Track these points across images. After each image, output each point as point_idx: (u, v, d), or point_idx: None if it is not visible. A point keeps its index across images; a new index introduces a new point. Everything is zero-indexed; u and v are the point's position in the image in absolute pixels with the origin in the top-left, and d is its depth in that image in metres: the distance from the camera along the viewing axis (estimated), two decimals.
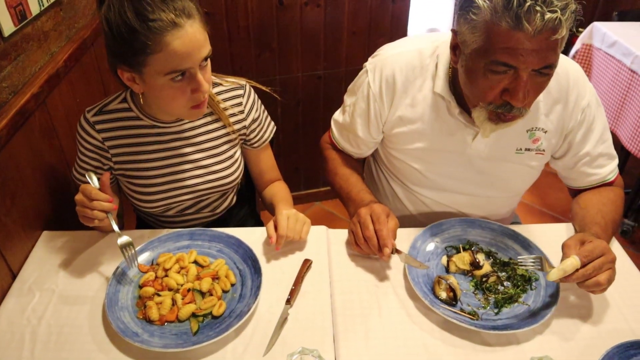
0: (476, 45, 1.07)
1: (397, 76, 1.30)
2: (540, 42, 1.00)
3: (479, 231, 1.34)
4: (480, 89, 1.12)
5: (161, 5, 1.05)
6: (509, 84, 1.08)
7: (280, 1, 2.22)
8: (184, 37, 1.07)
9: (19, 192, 1.25)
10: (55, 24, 1.48)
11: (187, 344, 1.04)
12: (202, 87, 1.14)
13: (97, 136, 1.29)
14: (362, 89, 1.36)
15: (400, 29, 2.51)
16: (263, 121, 1.45)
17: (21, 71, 1.30)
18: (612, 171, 1.37)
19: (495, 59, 1.04)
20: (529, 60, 1.03)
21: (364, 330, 1.10)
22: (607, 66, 2.62)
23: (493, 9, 1.00)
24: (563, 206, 2.92)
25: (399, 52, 1.32)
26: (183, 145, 1.35)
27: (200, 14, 1.12)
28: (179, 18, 1.06)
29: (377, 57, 1.36)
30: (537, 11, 0.96)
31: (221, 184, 1.41)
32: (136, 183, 1.35)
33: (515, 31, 1.00)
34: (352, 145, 1.47)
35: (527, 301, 1.16)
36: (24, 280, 1.21)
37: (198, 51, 1.10)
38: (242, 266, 1.22)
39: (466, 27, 1.07)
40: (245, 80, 1.41)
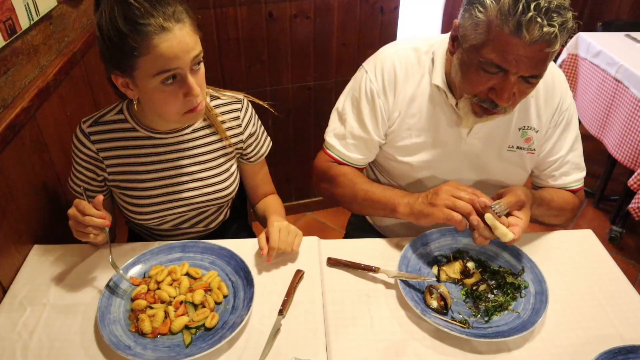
0: (475, 42, 1.12)
1: (398, 70, 1.34)
2: (534, 51, 1.07)
3: (469, 240, 1.35)
4: (470, 82, 1.18)
5: (150, 10, 1.06)
6: (497, 84, 1.15)
7: (270, 13, 2.24)
8: (172, 40, 1.08)
9: (9, 206, 1.24)
10: (45, 38, 1.49)
11: (180, 356, 1.03)
12: (193, 91, 1.14)
13: (92, 147, 1.29)
14: (364, 89, 1.37)
15: (389, 41, 2.52)
16: (260, 136, 1.46)
17: (11, 85, 1.31)
18: (577, 180, 1.44)
19: (489, 59, 1.11)
20: (520, 66, 1.09)
21: (356, 340, 1.11)
22: (592, 76, 2.66)
23: (499, 11, 1.06)
24: None
25: (396, 50, 1.37)
26: (179, 158, 1.35)
27: (191, 18, 1.13)
28: (167, 22, 1.07)
29: (375, 56, 1.40)
30: (538, 22, 1.02)
31: (217, 197, 1.41)
32: (131, 195, 1.35)
33: (514, 37, 1.06)
34: (361, 152, 1.43)
35: (517, 309, 1.18)
36: (14, 294, 1.21)
37: (186, 53, 1.10)
38: (234, 278, 1.22)
39: (470, 22, 1.12)
40: (243, 95, 1.42)
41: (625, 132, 2.37)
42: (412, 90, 1.34)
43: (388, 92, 1.35)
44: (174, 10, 1.08)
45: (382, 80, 1.35)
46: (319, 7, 2.30)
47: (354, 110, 1.40)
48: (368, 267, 1.26)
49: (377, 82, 1.35)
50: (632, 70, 2.35)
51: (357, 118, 1.40)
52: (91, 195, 1.17)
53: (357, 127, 1.40)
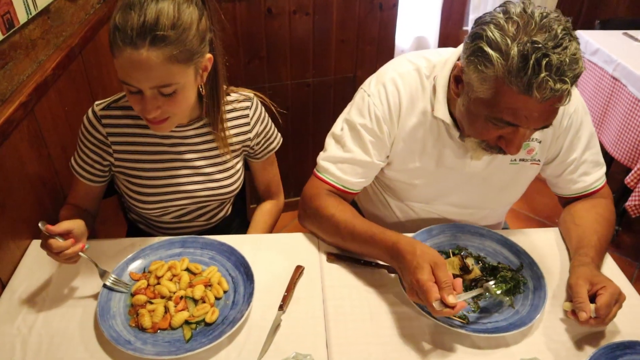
0: (482, 96, 1.08)
1: (402, 97, 1.28)
2: (545, 107, 1.04)
3: (468, 236, 1.35)
4: (477, 131, 1.15)
5: (137, 20, 1.02)
6: (507, 134, 1.12)
7: (269, 9, 2.24)
8: (134, 58, 1.04)
9: (8, 201, 1.24)
10: (43, 32, 1.48)
11: (180, 351, 1.03)
12: (144, 113, 1.13)
13: (102, 130, 1.29)
14: (368, 113, 1.30)
15: (388, 38, 2.54)
16: (268, 133, 1.45)
17: (9, 79, 1.30)
18: (598, 179, 1.38)
19: (499, 116, 1.07)
20: (532, 122, 1.06)
21: (356, 335, 1.11)
22: (590, 73, 2.67)
23: (507, 70, 1.00)
24: (549, 211, 2.96)
25: (399, 73, 1.30)
26: (186, 151, 1.35)
27: (180, 50, 1.06)
28: (140, 40, 1.02)
29: (377, 79, 1.33)
30: (549, 82, 0.97)
31: (220, 192, 1.41)
32: (135, 182, 1.35)
33: (524, 95, 1.01)
34: (359, 176, 1.34)
35: (516, 304, 1.18)
36: (13, 289, 1.20)
37: (145, 79, 1.07)
38: (234, 273, 1.22)
39: (475, 75, 1.07)
40: (254, 94, 1.41)
41: (623, 130, 2.38)
42: (417, 117, 1.29)
43: (393, 118, 1.29)
44: (159, 31, 1.03)
45: (387, 105, 1.29)
46: (318, 4, 2.30)
47: (355, 134, 1.32)
48: (368, 262, 1.26)
49: (382, 106, 1.29)
50: (629, 68, 2.35)
51: (359, 142, 1.31)
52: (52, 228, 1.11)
53: (358, 152, 1.31)
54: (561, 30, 0.99)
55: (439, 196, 1.42)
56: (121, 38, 1.03)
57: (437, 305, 1.01)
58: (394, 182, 1.43)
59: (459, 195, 1.41)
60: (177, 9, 1.05)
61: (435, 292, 1.02)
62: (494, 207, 1.48)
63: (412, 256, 1.09)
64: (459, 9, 2.93)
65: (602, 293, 1.09)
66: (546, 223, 2.90)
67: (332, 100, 2.62)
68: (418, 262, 1.07)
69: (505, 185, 1.40)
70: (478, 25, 1.07)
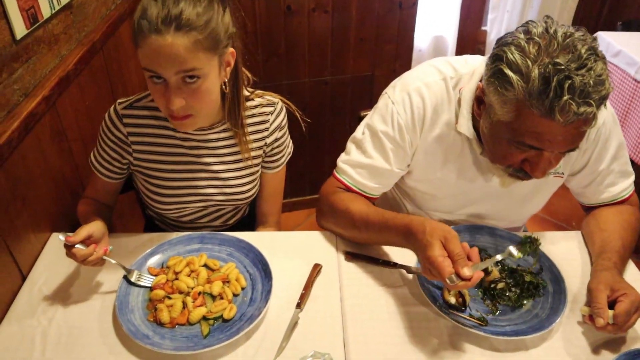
0: (504, 119, 1.05)
1: (427, 107, 1.25)
2: (570, 130, 0.99)
3: (487, 237, 1.34)
4: (501, 154, 1.12)
5: (159, 5, 1.04)
6: (531, 157, 1.08)
7: (288, 6, 2.24)
8: (159, 44, 1.04)
9: (29, 194, 1.25)
10: (65, 27, 1.49)
11: (198, 346, 1.04)
12: (169, 104, 1.11)
13: (123, 130, 1.29)
14: (391, 121, 1.27)
15: (407, 36, 2.53)
16: (283, 144, 1.43)
17: (32, 73, 1.31)
18: (625, 189, 1.35)
19: (522, 140, 1.04)
20: (555, 146, 1.03)
21: (374, 334, 1.11)
22: (611, 76, 2.63)
23: (528, 93, 0.97)
24: (567, 214, 2.93)
25: (426, 82, 1.26)
26: (206, 155, 1.34)
27: (205, 33, 1.06)
28: (165, 25, 1.03)
29: (402, 85, 1.29)
30: (572, 105, 0.93)
31: (236, 198, 1.41)
32: (153, 183, 1.36)
33: (546, 119, 0.97)
34: (377, 181, 1.33)
35: (535, 307, 1.17)
36: (33, 281, 1.22)
37: (170, 63, 1.06)
38: (252, 270, 1.22)
39: (496, 97, 1.04)
40: (279, 99, 1.39)
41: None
42: (440, 129, 1.26)
43: (417, 128, 1.27)
44: (184, 17, 1.03)
45: (411, 114, 1.26)
46: (337, 1, 2.30)
47: (376, 140, 1.30)
48: (386, 262, 1.25)
49: (405, 115, 1.26)
50: None
51: (380, 150, 1.29)
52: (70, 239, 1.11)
53: (378, 158, 1.30)
54: (585, 50, 0.95)
55: (459, 207, 1.41)
56: (146, 26, 1.03)
57: (451, 279, 0.97)
58: (414, 190, 1.41)
59: (479, 206, 1.39)
60: (199, 2, 1.07)
61: (447, 266, 0.98)
62: (515, 218, 1.46)
63: (423, 235, 1.06)
64: (478, 9, 2.91)
65: (623, 300, 1.07)
66: (564, 226, 2.87)
67: (349, 98, 2.61)
68: (427, 240, 1.03)
69: (527, 197, 1.38)
70: (499, 46, 1.04)
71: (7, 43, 1.18)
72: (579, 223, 1.46)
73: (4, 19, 1.16)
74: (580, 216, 1.47)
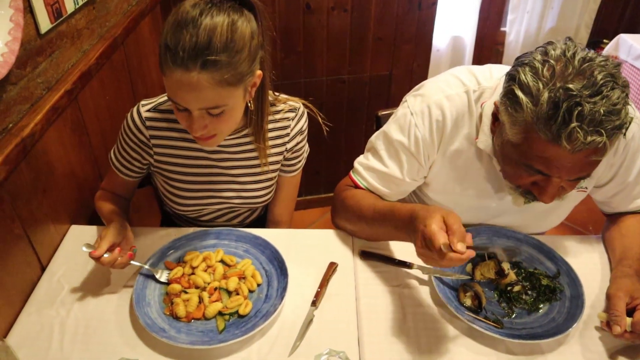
0: (513, 141, 1.03)
1: (447, 121, 1.22)
2: (579, 158, 0.96)
3: (504, 240, 1.33)
4: (511, 176, 1.11)
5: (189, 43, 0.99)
6: (540, 181, 1.06)
7: (308, 5, 2.24)
8: (185, 80, 1.02)
9: (50, 186, 1.27)
10: (88, 22, 1.51)
11: (214, 341, 1.05)
12: (192, 131, 1.12)
13: (146, 133, 1.28)
14: (408, 133, 1.25)
15: (426, 37, 2.51)
16: (301, 150, 1.43)
17: (55, 67, 1.33)
18: None
19: (530, 164, 1.02)
20: (564, 173, 1.00)
21: (388, 334, 1.11)
22: (632, 78, 2.60)
23: (536, 116, 0.95)
24: (583, 219, 2.89)
25: (447, 95, 1.22)
26: (225, 159, 1.34)
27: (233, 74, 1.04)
28: (191, 63, 1.00)
29: (423, 97, 1.26)
30: (579, 134, 0.90)
31: (253, 201, 1.42)
32: (172, 185, 1.36)
33: (553, 145, 0.95)
34: (391, 189, 1.31)
35: (552, 311, 1.16)
36: (52, 272, 1.23)
37: (194, 100, 1.05)
38: (268, 267, 1.23)
39: (506, 117, 1.03)
40: (301, 102, 1.37)
41: None
42: (460, 143, 1.24)
43: (435, 142, 1.24)
44: (212, 55, 1.00)
45: (429, 127, 1.23)
46: (356, 0, 2.29)
47: (392, 150, 1.28)
48: (402, 262, 1.25)
49: (424, 128, 1.23)
50: None
51: (395, 159, 1.28)
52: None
53: (393, 168, 1.28)
54: (603, 77, 0.91)
55: (479, 221, 1.38)
56: (172, 59, 1.00)
57: (445, 247, 0.93)
58: (432, 201, 1.39)
59: (499, 220, 1.37)
60: (230, 28, 1.02)
61: (442, 237, 0.94)
62: (535, 231, 1.42)
63: (425, 211, 1.01)
64: (498, 10, 2.88)
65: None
66: (580, 230, 2.84)
67: (366, 97, 2.61)
68: (429, 213, 1.00)
69: (548, 212, 1.36)
70: (515, 65, 1.02)
71: (32, 37, 1.20)
72: (595, 227, 1.45)
73: (29, 14, 1.18)
74: (597, 221, 1.45)
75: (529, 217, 1.36)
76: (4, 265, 1.08)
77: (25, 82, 1.18)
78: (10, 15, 1.05)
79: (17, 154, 1.09)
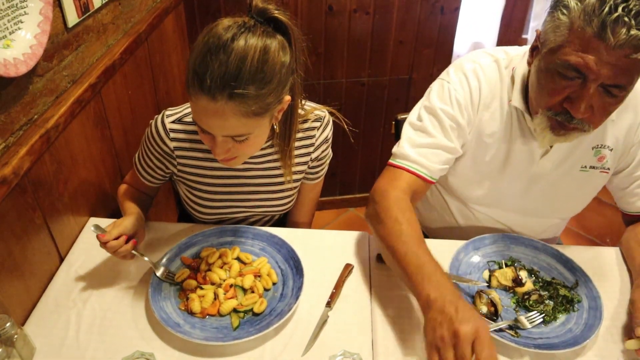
0: (554, 44, 1.05)
1: (483, 88, 1.27)
2: (618, 56, 0.97)
3: (522, 248, 1.32)
4: (545, 90, 1.11)
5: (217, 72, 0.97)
6: (573, 92, 1.06)
7: (330, 7, 2.24)
8: (210, 108, 1.00)
9: (71, 178, 1.28)
10: (113, 17, 1.52)
11: (228, 338, 1.05)
12: (215, 155, 1.11)
13: (170, 144, 1.26)
14: (449, 98, 1.27)
15: (447, 41, 2.50)
16: (324, 158, 1.42)
17: (80, 61, 1.34)
18: None
19: (567, 60, 1.03)
20: (601, 72, 1.00)
21: (403, 338, 1.10)
22: None
23: (583, 11, 0.98)
24: (602, 230, 2.86)
25: (480, 64, 1.28)
26: (248, 169, 1.33)
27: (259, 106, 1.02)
28: (219, 93, 0.97)
29: (456, 68, 1.30)
30: (625, 23, 0.94)
31: (275, 210, 1.43)
32: (195, 194, 1.36)
33: (597, 39, 0.97)
34: (443, 162, 1.28)
35: (569, 322, 1.15)
36: (70, 263, 1.25)
37: (219, 128, 1.04)
38: (283, 266, 1.23)
39: (550, 25, 1.06)
40: (327, 110, 1.34)
41: None
42: (492, 111, 1.27)
43: (474, 105, 1.27)
44: (240, 87, 0.97)
45: (469, 92, 1.27)
46: (379, 3, 2.29)
47: (436, 119, 1.28)
48: None
49: (463, 92, 1.27)
50: None
51: (441, 127, 1.27)
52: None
53: (440, 136, 1.27)
54: None
55: (502, 198, 1.38)
56: (199, 85, 0.98)
57: None
58: (458, 179, 1.39)
59: (523, 200, 1.37)
60: (261, 57, 0.99)
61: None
62: (557, 216, 1.43)
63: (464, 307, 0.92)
64: (520, 16, 2.86)
65: None
66: (598, 242, 2.81)
67: (385, 100, 2.60)
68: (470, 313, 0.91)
69: (571, 193, 1.36)
70: None
71: (60, 31, 1.22)
72: (613, 240, 1.43)
73: (57, 7, 1.20)
74: (615, 233, 1.43)
75: (553, 199, 1.36)
76: (24, 254, 1.10)
77: (51, 75, 1.20)
78: (40, 8, 1.06)
79: (41, 145, 1.11)
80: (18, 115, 1.09)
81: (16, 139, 1.08)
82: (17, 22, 1.03)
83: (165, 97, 1.93)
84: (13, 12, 1.01)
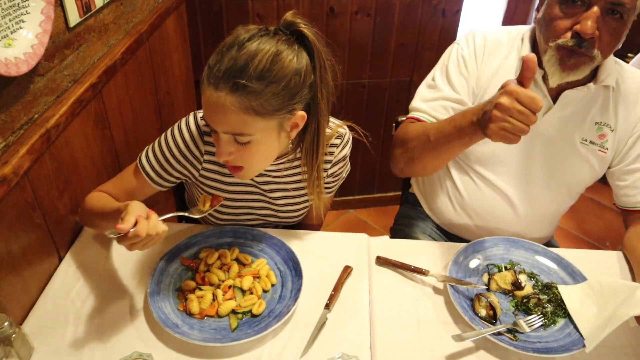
0: None
1: (488, 43, 1.39)
2: None
3: (522, 252, 1.32)
4: (554, 22, 1.20)
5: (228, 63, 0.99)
6: (580, 15, 1.16)
7: (332, 8, 2.25)
8: (213, 99, 1.01)
9: (71, 177, 1.28)
10: (115, 17, 1.52)
11: (226, 339, 1.05)
12: (217, 155, 1.10)
13: (202, 148, 1.23)
14: (455, 56, 1.41)
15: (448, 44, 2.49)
16: (342, 174, 1.41)
17: (82, 61, 1.34)
18: None
19: None
20: None
21: (401, 341, 1.10)
22: None
23: None
24: (601, 233, 2.86)
25: (489, 30, 1.43)
26: (267, 182, 1.31)
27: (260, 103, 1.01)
28: (222, 83, 0.99)
29: (466, 34, 1.44)
30: None
31: (288, 220, 1.43)
32: None
33: None
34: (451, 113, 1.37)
35: (569, 326, 1.14)
36: (69, 263, 1.25)
37: (220, 121, 1.04)
38: (283, 267, 1.23)
39: None
40: (347, 125, 1.32)
41: None
42: (499, 62, 1.37)
43: (477, 58, 1.39)
44: (242, 82, 0.98)
45: (473, 47, 1.40)
46: (380, 5, 2.29)
47: (444, 75, 1.42)
48: (418, 269, 1.24)
49: (468, 48, 1.40)
50: None
51: (449, 82, 1.41)
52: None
53: (448, 90, 1.40)
54: None
55: (503, 156, 1.41)
56: (207, 76, 1.01)
57: None
58: None
59: (523, 160, 1.40)
60: (272, 58, 1.00)
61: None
62: (555, 189, 1.43)
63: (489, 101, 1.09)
64: (522, 20, 2.87)
65: None
66: (597, 246, 2.80)
67: (386, 102, 2.60)
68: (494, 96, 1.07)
69: (571, 166, 1.39)
70: None
71: (61, 30, 1.22)
72: (613, 243, 1.43)
73: (59, 7, 1.20)
74: (615, 237, 1.43)
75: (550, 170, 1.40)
76: (23, 253, 1.10)
77: (52, 74, 1.20)
78: (42, 7, 1.06)
79: (41, 144, 1.11)
80: (19, 114, 1.09)
81: (16, 138, 1.08)
82: (19, 22, 1.03)
83: (166, 98, 1.94)
84: (15, 12, 1.01)
